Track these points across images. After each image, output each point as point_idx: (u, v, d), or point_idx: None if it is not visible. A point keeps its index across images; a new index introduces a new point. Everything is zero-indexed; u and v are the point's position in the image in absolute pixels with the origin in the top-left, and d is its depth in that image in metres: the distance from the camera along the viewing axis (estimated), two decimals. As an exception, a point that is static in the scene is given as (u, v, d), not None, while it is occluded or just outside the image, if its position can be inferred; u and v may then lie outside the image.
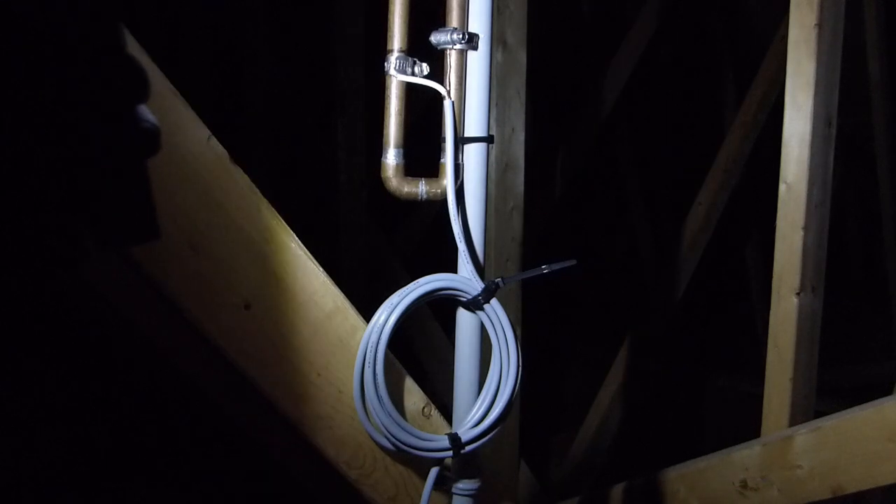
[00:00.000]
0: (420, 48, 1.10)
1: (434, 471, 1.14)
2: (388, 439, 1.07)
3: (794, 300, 2.01)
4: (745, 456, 1.98)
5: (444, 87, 1.07)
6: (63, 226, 0.47)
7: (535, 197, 3.99)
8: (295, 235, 1.00)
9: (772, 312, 2.08)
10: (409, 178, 1.10)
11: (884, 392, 1.94)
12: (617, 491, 2.50)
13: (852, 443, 1.71)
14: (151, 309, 1.09)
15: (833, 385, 4.10)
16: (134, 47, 0.86)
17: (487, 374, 1.15)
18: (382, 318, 1.05)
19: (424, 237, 4.09)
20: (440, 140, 1.09)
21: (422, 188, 1.10)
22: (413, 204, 1.11)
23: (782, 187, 2.03)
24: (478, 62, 1.09)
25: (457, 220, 1.08)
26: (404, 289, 1.07)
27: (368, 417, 1.06)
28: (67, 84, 0.47)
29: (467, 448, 1.12)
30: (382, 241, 3.44)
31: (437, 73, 1.08)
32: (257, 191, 0.96)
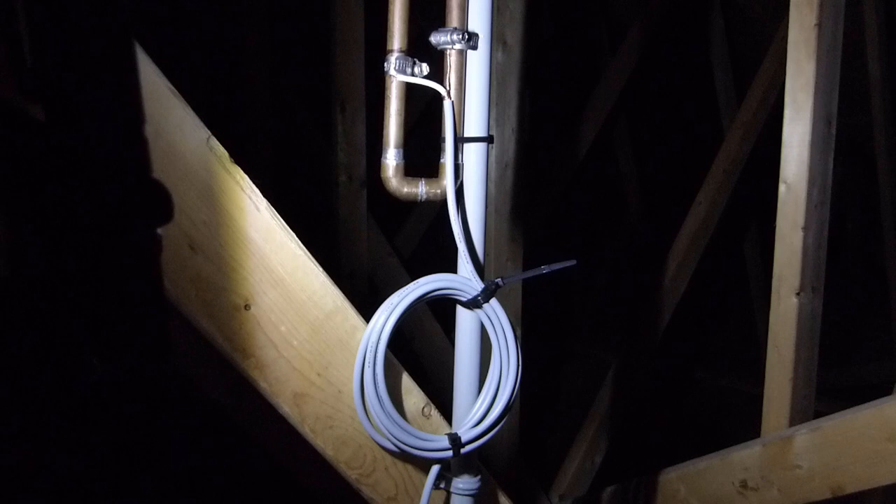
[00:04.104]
0: (420, 48, 1.10)
1: (434, 470, 1.14)
2: (387, 439, 1.07)
3: (794, 300, 2.01)
4: (745, 456, 1.98)
5: (444, 87, 1.07)
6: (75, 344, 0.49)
7: (535, 197, 3.99)
8: (295, 235, 1.00)
9: (772, 312, 2.08)
10: (409, 178, 1.10)
11: (884, 392, 1.95)
12: (617, 491, 2.51)
13: (852, 443, 1.71)
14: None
15: (833, 385, 4.11)
16: (135, 49, 0.86)
17: (487, 374, 1.15)
18: (382, 318, 1.05)
19: (424, 237, 4.09)
20: (440, 140, 1.09)
21: (422, 188, 1.10)
22: (413, 204, 1.11)
23: (782, 187, 2.03)
24: (478, 62, 1.09)
25: (457, 220, 1.08)
26: (404, 289, 1.07)
27: (368, 417, 1.06)
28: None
29: (467, 448, 1.12)
30: (382, 241, 3.44)
31: (437, 73, 1.08)
32: (257, 191, 0.96)
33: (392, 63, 1.06)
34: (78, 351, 0.50)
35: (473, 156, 1.11)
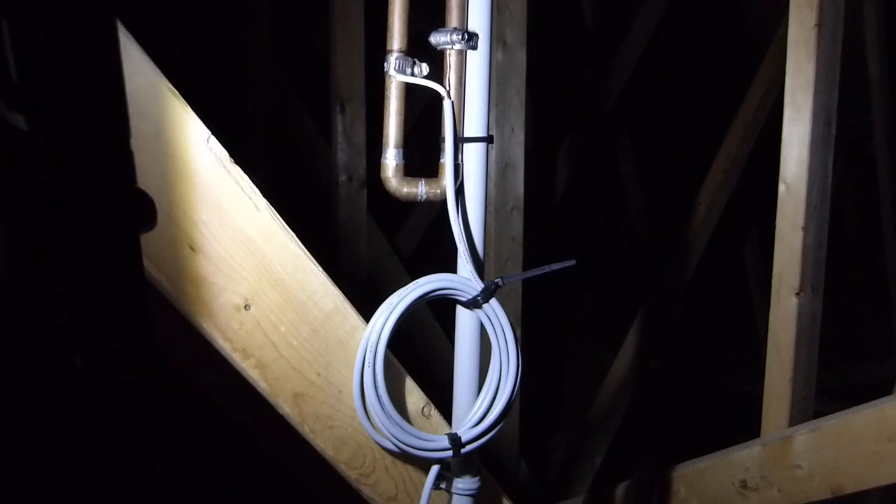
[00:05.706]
0: (420, 48, 1.10)
1: (434, 470, 1.14)
2: (387, 439, 1.07)
3: (794, 300, 2.01)
4: (745, 456, 1.98)
5: (444, 87, 1.07)
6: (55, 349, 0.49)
7: (535, 197, 3.99)
8: (295, 235, 1.00)
9: (772, 312, 2.08)
10: (409, 178, 1.10)
11: (884, 392, 1.94)
12: (617, 491, 2.50)
13: (852, 443, 1.71)
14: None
15: (833, 385, 4.11)
16: (135, 49, 0.86)
17: (487, 373, 1.15)
18: (382, 318, 1.05)
19: (424, 237, 4.09)
20: (440, 140, 1.09)
21: (421, 188, 1.10)
22: (413, 204, 1.11)
23: (782, 187, 2.03)
24: (478, 62, 1.09)
25: (456, 220, 1.08)
26: (404, 289, 1.07)
27: (368, 417, 1.06)
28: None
29: (467, 448, 1.12)
30: (382, 241, 3.44)
31: (437, 73, 1.08)
32: (257, 191, 0.96)
33: (392, 63, 1.06)
34: (59, 353, 0.50)
35: (473, 156, 1.11)
